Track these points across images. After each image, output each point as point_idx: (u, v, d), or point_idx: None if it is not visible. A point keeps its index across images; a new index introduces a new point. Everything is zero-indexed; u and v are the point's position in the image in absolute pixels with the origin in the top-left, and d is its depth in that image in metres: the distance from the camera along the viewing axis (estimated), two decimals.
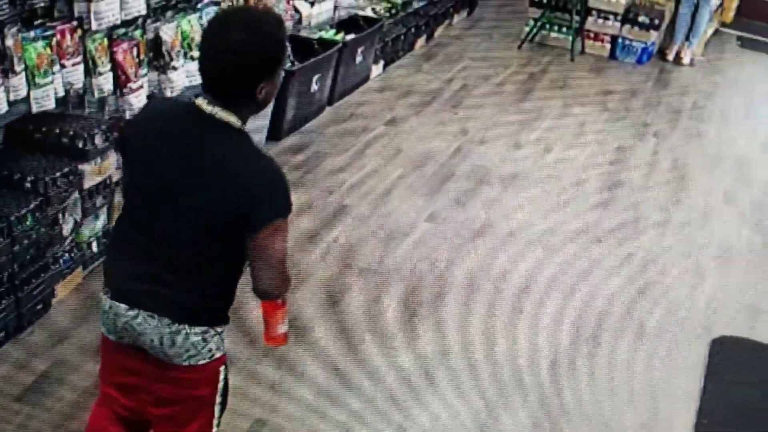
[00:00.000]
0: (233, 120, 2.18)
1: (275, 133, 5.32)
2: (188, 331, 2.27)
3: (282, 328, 2.37)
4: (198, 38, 4.28)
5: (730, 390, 3.79)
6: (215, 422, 2.47)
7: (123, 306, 2.30)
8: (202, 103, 2.18)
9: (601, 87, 7.25)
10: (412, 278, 4.22)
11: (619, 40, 7.95)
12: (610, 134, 6.31)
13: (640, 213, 5.19)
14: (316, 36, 5.93)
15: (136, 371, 2.37)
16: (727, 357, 4.01)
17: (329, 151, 5.38)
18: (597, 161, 5.84)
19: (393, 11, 7.18)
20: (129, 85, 3.82)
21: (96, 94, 3.69)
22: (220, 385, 2.42)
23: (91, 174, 3.68)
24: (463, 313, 4.03)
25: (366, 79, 6.53)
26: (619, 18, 7.89)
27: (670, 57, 8.15)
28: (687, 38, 8.14)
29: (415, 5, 7.61)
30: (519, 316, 4.05)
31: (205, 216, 2.18)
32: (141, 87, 3.90)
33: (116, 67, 3.75)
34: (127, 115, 3.85)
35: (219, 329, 2.35)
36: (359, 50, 6.20)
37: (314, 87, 5.62)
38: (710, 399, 3.69)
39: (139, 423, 2.48)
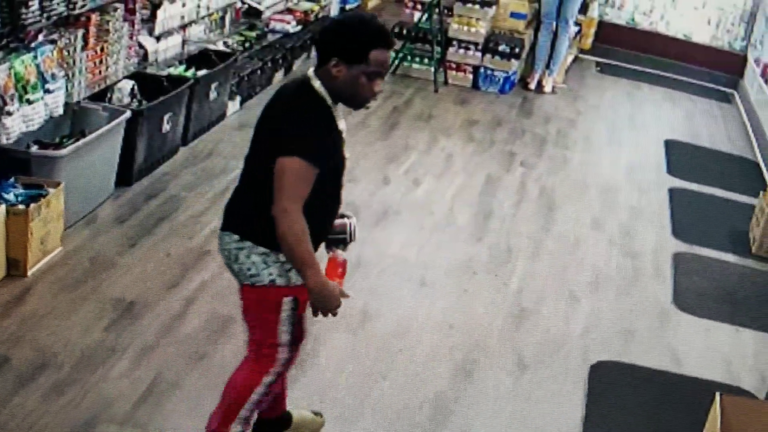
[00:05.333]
0: (316, 84, 2.82)
1: (125, 177, 5.25)
2: (250, 250, 2.80)
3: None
4: (33, 80, 4.22)
5: (612, 415, 4.00)
6: (283, 351, 2.94)
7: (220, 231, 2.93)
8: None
9: (466, 118, 7.55)
10: None
11: (481, 70, 8.32)
12: (478, 165, 6.58)
13: (512, 243, 5.43)
14: (164, 73, 5.91)
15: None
16: (607, 382, 4.23)
17: (186, 195, 5.35)
18: (467, 193, 6.06)
19: (247, 45, 7.24)
20: None
21: None
22: (283, 316, 2.88)
23: None
24: (339, 357, 4.07)
25: (222, 116, 6.55)
26: (479, 48, 8.26)
27: (532, 85, 8.58)
28: (548, 66, 8.60)
29: (271, 38, 7.70)
30: (396, 357, 4.13)
31: (259, 148, 2.86)
32: None
33: None
34: None
35: (282, 258, 2.80)
36: (213, 86, 6.22)
37: (166, 127, 5.59)
38: (593, 426, 3.88)
39: None
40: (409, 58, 8.33)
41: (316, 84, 2.83)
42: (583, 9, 9.41)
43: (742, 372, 4.51)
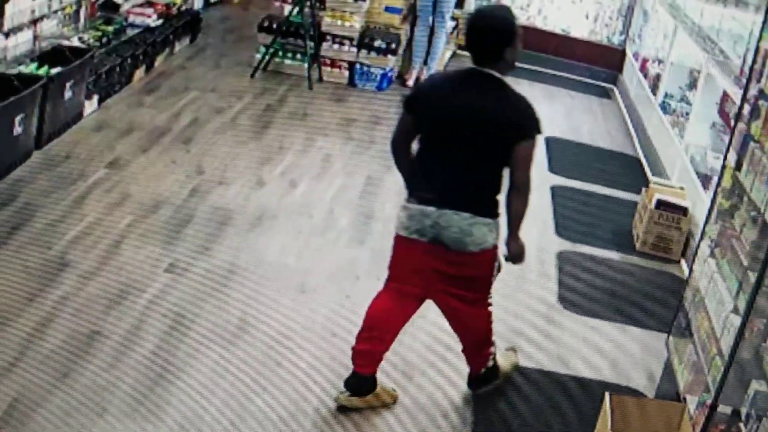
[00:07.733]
0: (496, 74, 3.71)
1: None
2: (480, 223, 3.71)
3: None
4: None
5: (502, 418, 4.12)
6: (491, 294, 4.01)
7: (431, 209, 3.72)
8: (477, 67, 3.74)
9: (343, 116, 7.61)
10: (154, 338, 4.19)
11: (357, 67, 8.41)
12: (358, 165, 6.65)
13: None
14: (14, 71, 5.78)
15: (433, 259, 3.80)
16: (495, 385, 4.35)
17: (42, 201, 5.22)
18: (347, 194, 6.13)
19: (104, 40, 7.13)
20: None
21: None
22: (495, 265, 3.90)
23: None
24: (215, 371, 4.05)
25: (79, 116, 6.42)
26: (354, 43, 8.34)
27: (410, 82, 8.71)
28: (425, 62, 8.76)
29: (130, 33, 7.58)
30: (276, 368, 4.15)
31: (482, 140, 3.68)
32: None
33: None
34: None
35: (496, 223, 3.80)
36: (68, 85, 6.10)
37: (17, 129, 5.46)
38: (483, 431, 3.99)
39: (421, 300, 3.99)
40: (281, 53, 8.34)
41: (499, 76, 3.71)
42: (460, 4, 9.63)
43: (631, 370, 4.71)
